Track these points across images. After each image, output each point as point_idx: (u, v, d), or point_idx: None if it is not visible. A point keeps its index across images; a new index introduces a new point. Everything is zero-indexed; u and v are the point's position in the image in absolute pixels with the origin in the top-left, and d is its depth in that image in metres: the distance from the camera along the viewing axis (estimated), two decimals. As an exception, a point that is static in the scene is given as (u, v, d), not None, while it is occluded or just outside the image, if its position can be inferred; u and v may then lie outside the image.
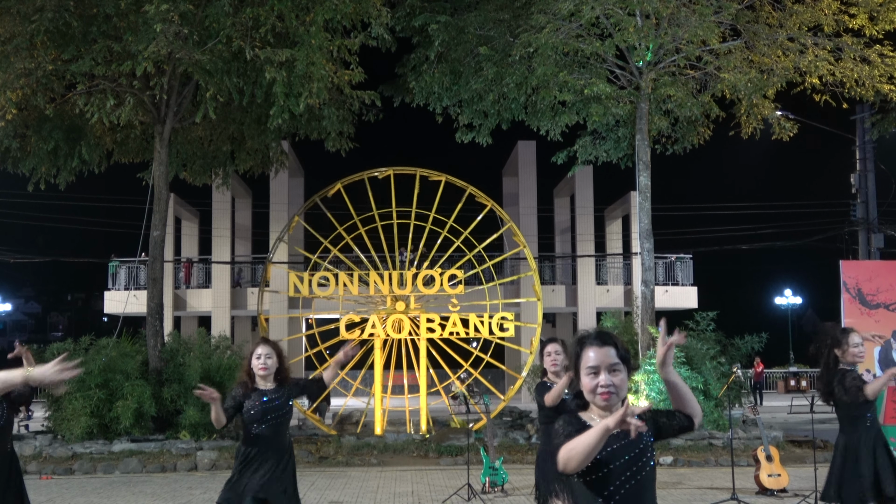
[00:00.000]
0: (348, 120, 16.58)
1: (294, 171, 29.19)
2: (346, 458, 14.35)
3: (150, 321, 15.95)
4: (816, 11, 16.00)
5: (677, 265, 29.91)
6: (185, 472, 13.54)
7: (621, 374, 3.23)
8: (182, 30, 13.53)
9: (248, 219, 32.63)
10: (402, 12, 17.07)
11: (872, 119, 21.63)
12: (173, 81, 15.36)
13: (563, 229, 33.00)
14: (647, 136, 16.60)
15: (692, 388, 15.18)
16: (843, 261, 18.32)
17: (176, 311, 29.38)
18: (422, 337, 16.25)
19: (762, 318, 42.46)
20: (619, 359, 3.24)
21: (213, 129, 17.52)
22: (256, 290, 22.48)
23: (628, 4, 15.30)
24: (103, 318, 38.47)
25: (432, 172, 17.14)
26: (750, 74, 15.69)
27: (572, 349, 3.36)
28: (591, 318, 28.63)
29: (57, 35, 13.90)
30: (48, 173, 16.90)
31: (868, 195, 23.19)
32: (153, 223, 16.30)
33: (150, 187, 17.11)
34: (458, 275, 16.58)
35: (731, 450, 11.75)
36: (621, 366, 3.23)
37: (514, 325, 16.90)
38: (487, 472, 11.05)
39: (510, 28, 16.53)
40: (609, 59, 16.39)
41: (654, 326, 16.24)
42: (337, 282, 16.49)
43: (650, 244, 16.62)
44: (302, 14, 14.51)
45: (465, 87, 17.02)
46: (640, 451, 3.20)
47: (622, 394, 3.22)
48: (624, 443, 3.16)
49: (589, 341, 3.29)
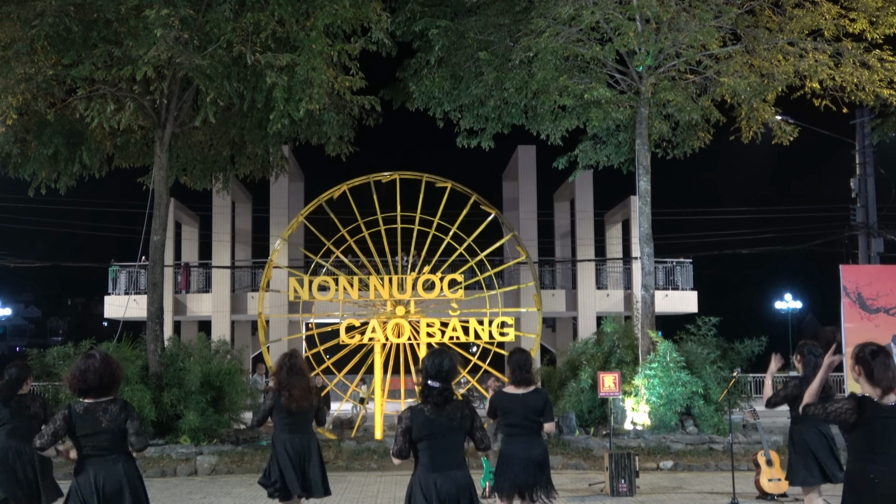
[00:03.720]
0: (348, 125, 16.59)
1: (294, 175, 29.19)
2: (346, 462, 14.34)
3: (151, 326, 15.95)
4: (816, 16, 16.02)
5: (677, 269, 29.89)
6: (184, 477, 13.52)
7: None
8: (182, 34, 13.54)
9: (249, 223, 32.60)
10: (403, 17, 17.09)
11: (872, 123, 21.65)
12: (173, 86, 15.37)
13: (564, 234, 32.98)
14: (647, 140, 16.61)
15: (693, 392, 15.22)
16: (843, 265, 18.37)
17: (176, 316, 29.35)
18: (422, 341, 16.24)
19: (762, 323, 42.37)
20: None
21: (213, 134, 17.53)
22: (256, 295, 22.45)
23: (628, 9, 15.34)
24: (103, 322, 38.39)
25: (438, 178, 17.07)
26: (750, 79, 15.70)
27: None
28: (591, 323, 28.58)
29: (57, 40, 13.91)
30: (48, 178, 16.91)
31: (868, 200, 23.18)
32: (153, 228, 16.30)
33: (151, 192, 17.13)
34: (459, 279, 16.58)
35: (732, 454, 11.72)
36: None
37: (514, 333, 16.87)
38: (488, 476, 11.02)
39: (510, 33, 16.55)
40: (609, 64, 16.41)
41: (654, 331, 16.24)
42: (337, 285, 16.47)
43: (650, 248, 16.63)
44: (302, 19, 14.52)
45: (465, 92, 17.03)
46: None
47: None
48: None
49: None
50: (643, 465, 13.37)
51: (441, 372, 5.19)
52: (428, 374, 5.20)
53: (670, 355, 15.33)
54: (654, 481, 12.44)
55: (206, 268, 30.62)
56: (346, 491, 11.88)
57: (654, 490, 11.69)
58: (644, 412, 15.59)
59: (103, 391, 5.38)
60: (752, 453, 12.33)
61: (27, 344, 62.82)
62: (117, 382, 5.46)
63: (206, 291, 30.15)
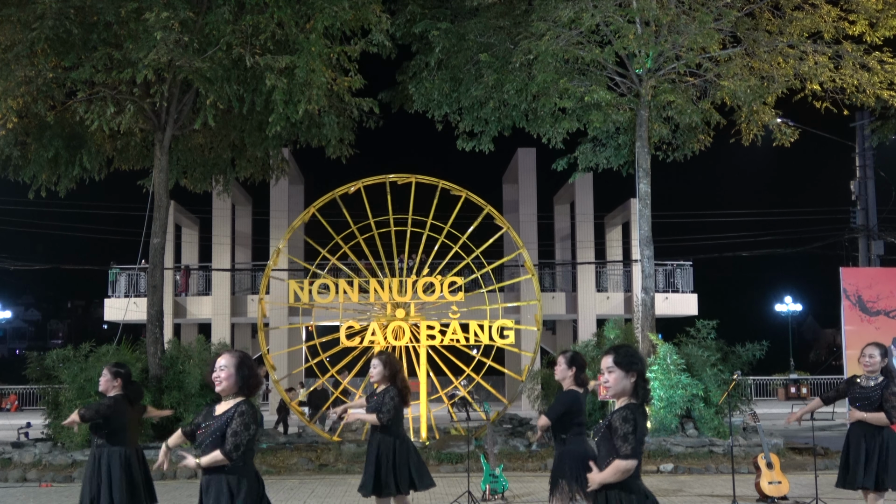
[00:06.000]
0: (348, 127, 16.59)
1: (294, 178, 29.21)
2: (346, 465, 14.32)
3: (150, 328, 15.94)
4: (816, 18, 16.03)
5: (677, 272, 29.91)
6: (185, 480, 13.50)
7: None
8: (182, 37, 13.55)
9: (249, 226, 32.63)
10: (403, 19, 17.10)
11: (872, 126, 21.65)
12: (173, 89, 15.37)
13: (563, 236, 33.00)
14: (647, 143, 16.61)
15: (693, 395, 15.20)
16: (844, 268, 18.36)
17: (176, 319, 29.36)
18: (422, 344, 16.22)
19: (762, 325, 42.42)
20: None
21: (213, 137, 17.53)
22: (256, 298, 22.44)
23: (628, 12, 15.34)
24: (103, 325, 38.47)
25: (453, 186, 16.97)
26: (750, 81, 15.70)
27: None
28: (591, 326, 28.59)
29: (57, 43, 13.92)
30: (48, 181, 16.91)
31: (868, 202, 23.20)
32: (153, 230, 16.30)
33: (151, 194, 17.12)
34: (458, 281, 16.56)
35: (732, 457, 11.73)
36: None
37: (515, 331, 16.84)
38: (488, 479, 11.01)
39: (510, 35, 16.55)
40: (609, 67, 16.41)
41: (654, 333, 16.23)
42: (337, 289, 16.46)
43: (650, 251, 16.62)
44: (302, 21, 14.53)
45: (465, 94, 17.03)
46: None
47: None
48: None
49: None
50: (643, 467, 13.32)
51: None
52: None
53: (670, 358, 15.32)
54: (655, 484, 12.42)
55: (206, 271, 30.65)
56: (345, 494, 11.87)
57: (654, 493, 11.62)
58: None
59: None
60: (753, 456, 12.32)
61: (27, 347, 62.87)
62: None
63: (206, 294, 30.18)
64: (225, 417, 5.06)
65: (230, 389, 5.14)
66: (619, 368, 4.64)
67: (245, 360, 5.23)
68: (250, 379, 5.19)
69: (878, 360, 7.36)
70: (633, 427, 4.51)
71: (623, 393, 4.66)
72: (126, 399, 7.29)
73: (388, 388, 7.52)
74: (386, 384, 7.55)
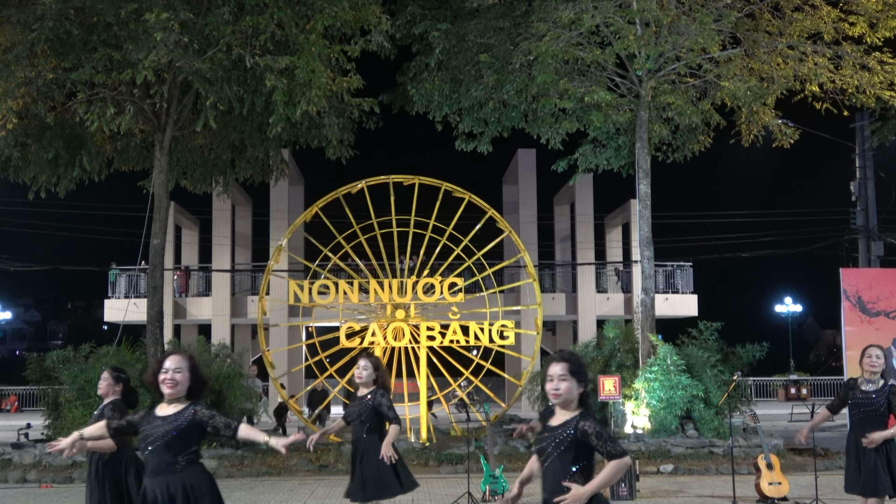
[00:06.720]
0: (348, 128, 16.59)
1: (294, 179, 29.20)
2: (346, 466, 14.28)
3: (151, 329, 15.94)
4: (816, 19, 16.04)
5: (677, 273, 29.89)
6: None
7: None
8: (182, 38, 13.55)
9: (249, 227, 32.62)
10: (403, 20, 17.08)
11: (872, 127, 21.65)
12: (173, 90, 15.38)
13: (563, 237, 32.99)
14: (647, 143, 16.61)
15: (693, 395, 15.20)
16: (844, 269, 18.38)
17: (176, 320, 29.34)
18: (422, 345, 16.22)
19: (762, 326, 42.46)
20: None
21: (213, 138, 17.53)
22: (256, 298, 22.43)
23: (628, 13, 15.34)
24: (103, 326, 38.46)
25: (457, 188, 17.00)
26: (750, 82, 15.70)
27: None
28: (591, 326, 28.58)
29: (57, 43, 13.92)
30: (48, 182, 16.89)
31: (868, 203, 23.19)
32: (153, 231, 16.29)
33: (151, 195, 17.12)
34: (458, 283, 16.55)
35: (732, 458, 11.71)
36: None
37: (514, 333, 16.85)
38: (488, 480, 11.00)
39: (510, 36, 16.55)
40: (609, 67, 16.42)
41: (654, 334, 16.23)
42: (337, 290, 16.45)
43: (650, 252, 16.62)
44: (302, 22, 14.53)
45: (465, 95, 17.02)
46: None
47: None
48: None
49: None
50: (643, 468, 13.35)
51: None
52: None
53: (670, 359, 15.31)
54: (655, 485, 12.42)
55: (206, 271, 30.63)
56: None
57: (654, 494, 11.67)
58: (644, 416, 15.57)
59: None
60: (753, 457, 12.32)
61: (27, 347, 62.90)
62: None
63: (206, 295, 30.16)
64: (181, 419, 5.03)
65: (182, 393, 5.12)
66: (573, 378, 4.58)
67: (197, 363, 5.22)
68: (202, 384, 5.18)
69: (882, 361, 7.33)
70: (608, 429, 4.56)
71: (570, 402, 4.59)
72: (126, 404, 7.41)
73: (377, 390, 7.53)
74: (372, 386, 7.55)
